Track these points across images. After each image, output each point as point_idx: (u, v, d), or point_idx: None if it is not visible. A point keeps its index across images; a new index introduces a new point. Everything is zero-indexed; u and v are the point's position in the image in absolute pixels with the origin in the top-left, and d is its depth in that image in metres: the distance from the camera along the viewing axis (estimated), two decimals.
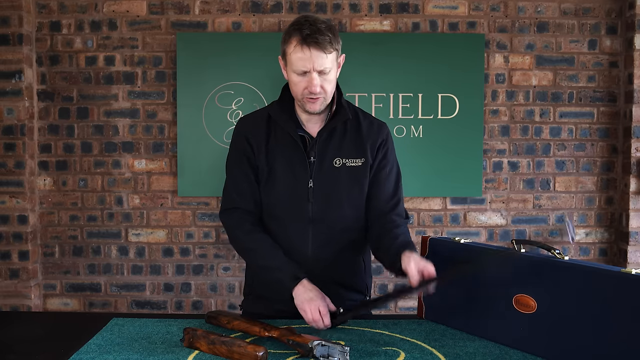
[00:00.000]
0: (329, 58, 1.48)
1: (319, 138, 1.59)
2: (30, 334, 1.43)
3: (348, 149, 1.60)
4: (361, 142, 1.62)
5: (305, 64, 1.47)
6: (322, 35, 1.45)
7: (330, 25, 1.50)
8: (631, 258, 2.85)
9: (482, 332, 1.39)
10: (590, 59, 2.93)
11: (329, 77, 1.51)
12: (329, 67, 1.49)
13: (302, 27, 1.46)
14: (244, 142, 1.63)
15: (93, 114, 2.90)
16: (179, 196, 2.91)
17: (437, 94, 2.87)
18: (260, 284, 1.68)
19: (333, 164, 1.59)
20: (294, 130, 1.58)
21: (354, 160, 1.60)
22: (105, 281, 2.94)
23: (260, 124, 1.63)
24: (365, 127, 1.64)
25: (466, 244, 1.47)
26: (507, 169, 2.95)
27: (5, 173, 2.81)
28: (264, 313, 1.61)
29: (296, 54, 1.47)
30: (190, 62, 2.83)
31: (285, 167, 1.59)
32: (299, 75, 1.50)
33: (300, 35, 1.46)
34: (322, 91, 1.51)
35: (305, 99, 1.53)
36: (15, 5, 2.76)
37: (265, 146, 1.60)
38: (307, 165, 1.58)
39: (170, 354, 1.26)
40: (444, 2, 2.90)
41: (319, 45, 1.45)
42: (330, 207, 1.58)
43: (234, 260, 2.94)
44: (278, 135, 1.61)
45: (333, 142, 1.60)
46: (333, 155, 1.59)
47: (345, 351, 1.19)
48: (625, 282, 1.12)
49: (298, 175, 1.58)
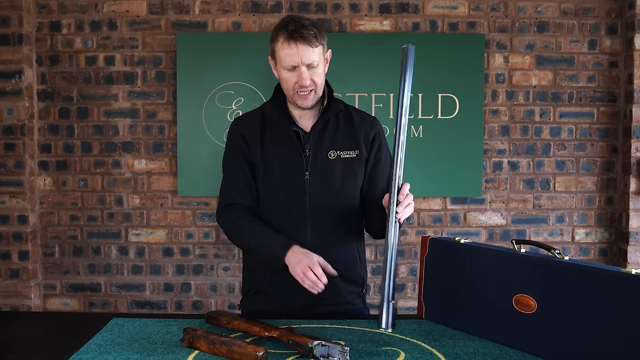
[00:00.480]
0: (315, 52, 1.55)
1: (313, 132, 1.64)
2: (30, 334, 1.43)
3: (342, 141, 1.66)
4: (354, 135, 1.67)
5: (294, 59, 1.54)
6: (307, 30, 1.52)
7: (315, 22, 1.57)
8: (631, 258, 2.85)
9: (482, 332, 1.39)
10: (590, 59, 2.93)
11: (317, 71, 1.57)
12: (316, 61, 1.55)
13: (288, 25, 1.54)
14: (239, 139, 1.67)
15: (93, 114, 2.90)
16: (179, 196, 2.91)
17: (437, 94, 2.87)
18: (258, 279, 1.69)
19: (328, 156, 1.64)
20: (288, 126, 1.64)
21: (348, 152, 1.66)
22: (105, 281, 2.94)
23: (254, 123, 1.69)
24: (358, 120, 1.70)
25: (466, 244, 1.47)
26: (507, 169, 2.95)
27: (5, 173, 2.81)
28: (264, 310, 1.64)
29: (284, 50, 1.54)
30: (190, 62, 2.83)
31: (281, 161, 1.63)
32: (289, 70, 1.56)
33: (287, 32, 1.53)
34: (312, 84, 1.57)
35: (297, 95, 1.59)
36: (15, 5, 2.76)
37: (260, 143, 1.65)
38: (303, 159, 1.62)
39: (170, 354, 1.26)
40: (444, 2, 2.90)
41: (305, 40, 1.52)
42: (327, 198, 1.63)
43: (234, 260, 2.94)
44: (273, 132, 1.66)
45: (327, 135, 1.65)
46: (327, 148, 1.64)
47: (345, 351, 1.19)
48: (625, 282, 1.12)
49: (294, 169, 1.62)
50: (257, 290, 1.70)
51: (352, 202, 1.68)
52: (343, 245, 1.68)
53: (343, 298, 1.68)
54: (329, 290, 1.52)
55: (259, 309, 1.68)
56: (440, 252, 1.51)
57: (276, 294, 1.65)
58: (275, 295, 1.65)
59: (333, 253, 1.63)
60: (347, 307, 1.69)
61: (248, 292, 1.75)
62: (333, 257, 1.63)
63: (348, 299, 1.69)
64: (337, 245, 1.66)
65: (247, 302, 1.75)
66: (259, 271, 1.68)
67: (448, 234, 2.95)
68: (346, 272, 1.67)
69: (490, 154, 2.94)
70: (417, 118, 2.87)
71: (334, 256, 1.63)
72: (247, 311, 1.73)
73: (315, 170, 1.62)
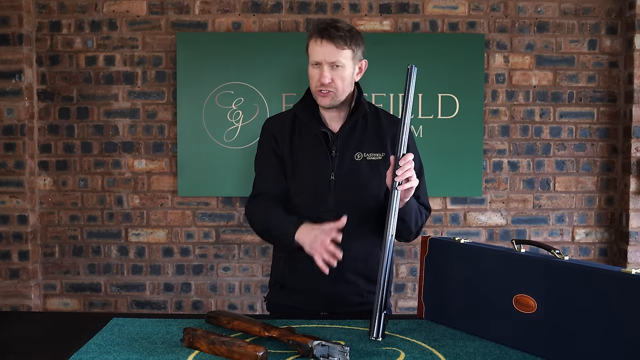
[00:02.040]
0: (342, 53, 1.59)
1: (340, 133, 1.67)
2: (30, 334, 1.43)
3: (369, 143, 1.69)
4: (381, 137, 1.70)
5: (318, 55, 1.59)
6: (338, 31, 1.58)
7: (352, 28, 1.63)
8: (631, 258, 2.85)
9: (482, 332, 1.39)
10: (590, 59, 2.93)
11: (341, 73, 1.61)
12: (342, 62, 1.59)
13: (322, 24, 1.61)
14: (270, 138, 1.72)
15: (93, 114, 2.90)
16: (179, 196, 2.91)
17: (437, 94, 2.87)
18: (284, 273, 1.74)
19: (354, 158, 1.67)
20: (317, 127, 1.67)
21: (374, 155, 1.69)
22: (105, 281, 2.94)
23: (285, 123, 1.73)
24: (385, 122, 1.73)
25: (466, 244, 1.47)
26: (507, 169, 2.95)
27: (5, 173, 2.81)
28: (287, 304, 1.71)
29: (312, 46, 1.61)
30: (190, 62, 2.83)
31: (309, 162, 1.67)
32: (313, 67, 1.62)
33: (319, 29, 1.60)
34: (332, 84, 1.60)
35: (317, 92, 1.63)
36: (15, 5, 2.76)
37: (290, 143, 1.70)
38: (329, 160, 1.66)
39: (170, 354, 1.26)
40: (444, 2, 2.90)
41: (332, 39, 1.57)
42: (351, 198, 1.65)
43: (234, 260, 2.94)
44: (302, 132, 1.70)
45: (354, 137, 1.68)
46: (354, 150, 1.67)
47: (345, 351, 1.19)
48: (625, 282, 1.12)
49: (320, 169, 1.66)
50: (281, 284, 1.74)
51: (376, 203, 1.68)
52: (366, 246, 1.69)
53: (363, 297, 1.70)
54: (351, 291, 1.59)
55: (284, 303, 1.73)
56: (440, 252, 1.51)
57: (298, 290, 1.70)
58: (297, 291, 1.70)
59: (355, 253, 1.66)
60: (367, 307, 1.69)
61: (275, 285, 1.78)
62: (355, 257, 1.66)
63: (368, 298, 1.70)
64: (360, 246, 1.68)
65: (272, 295, 1.80)
66: (284, 266, 1.74)
67: (448, 234, 2.95)
68: (368, 272, 1.69)
69: (490, 154, 2.94)
70: (417, 118, 2.87)
71: (356, 256, 1.67)
72: (272, 303, 1.79)
73: (340, 171, 1.66)
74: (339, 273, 1.60)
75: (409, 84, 1.46)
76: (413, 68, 1.45)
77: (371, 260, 1.70)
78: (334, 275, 1.58)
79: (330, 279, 1.59)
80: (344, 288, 1.68)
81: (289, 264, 1.72)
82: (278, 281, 1.76)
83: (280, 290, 1.75)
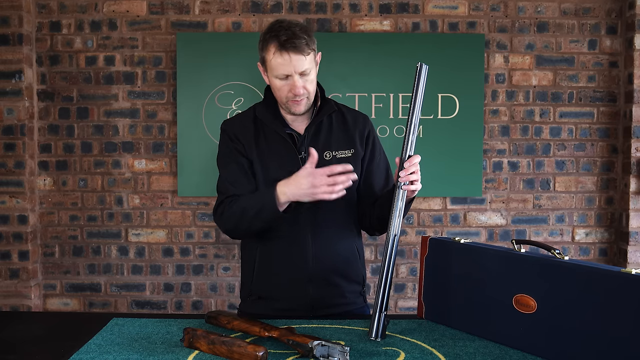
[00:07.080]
0: (307, 59, 1.55)
1: (307, 134, 1.64)
2: (30, 334, 1.43)
3: (337, 141, 1.67)
4: (349, 134, 1.68)
5: (287, 68, 1.54)
6: (299, 38, 1.51)
7: (305, 27, 1.56)
8: (631, 258, 2.85)
9: (482, 332, 1.39)
10: (590, 59, 2.93)
11: (309, 78, 1.58)
12: (308, 68, 1.56)
13: (279, 33, 1.52)
14: (233, 140, 1.66)
15: (93, 114, 2.90)
16: (179, 196, 2.91)
17: (437, 94, 2.87)
18: (260, 283, 1.68)
19: (324, 157, 1.64)
20: (282, 129, 1.64)
21: (343, 152, 1.67)
22: (105, 281, 2.94)
23: (247, 125, 1.68)
24: (351, 119, 1.71)
25: (466, 244, 1.47)
26: (507, 169, 2.95)
27: (5, 173, 2.81)
28: (266, 313, 1.62)
29: (276, 59, 1.54)
30: (190, 62, 2.83)
31: (278, 162, 1.63)
32: (281, 79, 1.57)
33: (278, 41, 1.52)
34: (305, 92, 1.58)
35: (290, 102, 1.60)
36: (15, 5, 2.76)
37: (255, 144, 1.65)
38: (299, 161, 1.62)
39: (170, 354, 1.26)
40: (444, 2, 2.90)
41: (297, 49, 1.52)
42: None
43: (234, 260, 2.94)
44: (267, 134, 1.66)
45: (321, 136, 1.66)
46: (323, 149, 1.64)
47: (345, 351, 1.19)
48: (625, 282, 1.11)
49: (291, 170, 1.59)
50: (259, 295, 1.69)
51: (350, 201, 1.68)
52: (343, 244, 1.68)
53: (346, 298, 1.68)
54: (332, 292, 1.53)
55: (263, 313, 1.66)
56: (440, 252, 1.51)
57: (280, 298, 1.64)
58: (278, 300, 1.64)
59: (334, 252, 1.64)
60: (350, 307, 1.69)
61: (248, 297, 1.73)
62: (334, 257, 1.64)
63: (350, 299, 1.69)
64: (338, 245, 1.66)
65: (246, 306, 1.74)
66: (261, 276, 1.67)
67: (448, 234, 2.95)
68: (348, 271, 1.68)
69: (490, 154, 2.94)
70: None
71: (334, 255, 1.65)
72: (246, 314, 1.71)
73: None
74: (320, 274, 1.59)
75: (418, 83, 1.41)
76: (423, 66, 1.40)
77: (349, 258, 1.69)
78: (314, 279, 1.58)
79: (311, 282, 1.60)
80: (327, 291, 1.64)
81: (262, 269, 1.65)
82: (254, 293, 1.70)
83: (258, 301, 1.69)
